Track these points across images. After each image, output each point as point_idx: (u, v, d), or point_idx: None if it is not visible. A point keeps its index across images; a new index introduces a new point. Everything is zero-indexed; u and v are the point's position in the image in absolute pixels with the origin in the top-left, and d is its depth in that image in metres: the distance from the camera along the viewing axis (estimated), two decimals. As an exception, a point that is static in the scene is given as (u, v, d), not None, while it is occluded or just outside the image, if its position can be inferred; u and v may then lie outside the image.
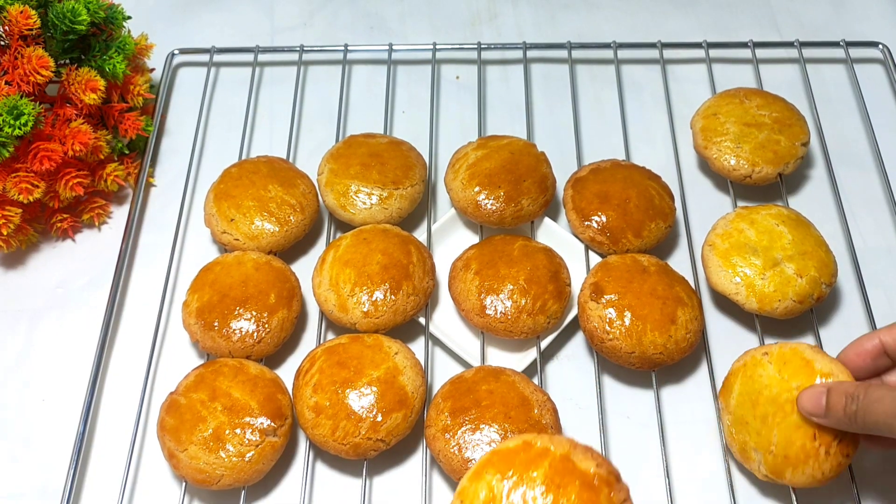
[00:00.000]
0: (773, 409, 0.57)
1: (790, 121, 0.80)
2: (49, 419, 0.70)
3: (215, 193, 0.76)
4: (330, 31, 0.98)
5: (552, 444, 0.43)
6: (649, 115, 0.90)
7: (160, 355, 0.73)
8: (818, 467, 0.56)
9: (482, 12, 1.00)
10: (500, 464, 0.43)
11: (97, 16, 0.76)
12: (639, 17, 1.00)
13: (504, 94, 0.92)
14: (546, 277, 0.69)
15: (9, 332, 0.75)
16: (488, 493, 0.42)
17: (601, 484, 0.42)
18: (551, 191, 0.78)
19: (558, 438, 0.44)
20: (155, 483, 0.67)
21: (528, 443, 0.44)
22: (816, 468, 0.56)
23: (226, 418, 0.63)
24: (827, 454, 0.55)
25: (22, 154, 0.73)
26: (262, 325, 0.68)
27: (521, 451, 0.43)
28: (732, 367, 0.63)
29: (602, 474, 0.42)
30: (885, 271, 0.78)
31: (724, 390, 0.63)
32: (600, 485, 0.42)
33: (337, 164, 0.78)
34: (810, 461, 0.56)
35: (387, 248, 0.71)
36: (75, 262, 0.79)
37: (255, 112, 0.90)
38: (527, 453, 0.43)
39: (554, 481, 0.41)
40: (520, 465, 0.42)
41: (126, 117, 0.81)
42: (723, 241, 0.72)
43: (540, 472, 0.42)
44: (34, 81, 0.72)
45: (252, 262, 0.71)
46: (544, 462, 0.42)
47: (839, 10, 1.00)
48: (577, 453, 0.43)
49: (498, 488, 0.42)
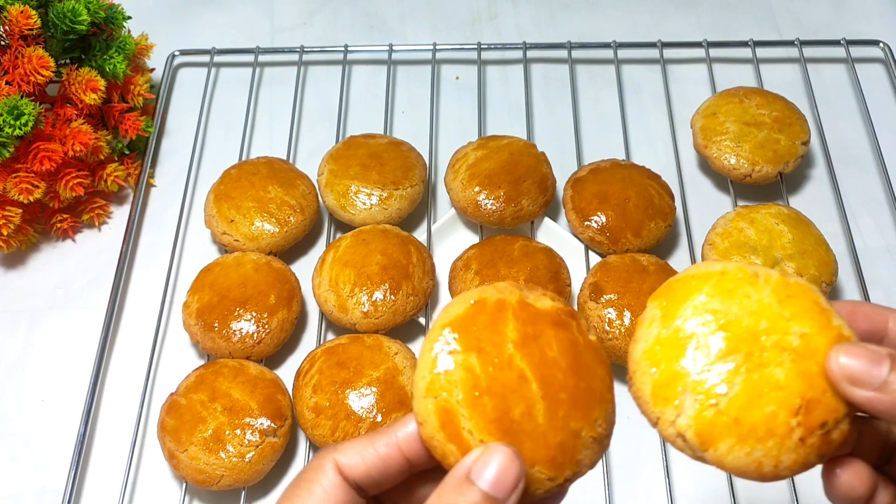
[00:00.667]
0: (750, 349, 0.35)
1: (790, 120, 0.80)
2: (49, 419, 0.70)
3: (215, 194, 0.77)
4: (330, 31, 0.98)
5: (500, 293, 0.36)
6: (649, 115, 0.90)
7: (160, 356, 0.73)
8: (776, 454, 0.35)
9: (482, 12, 1.00)
10: (461, 335, 0.34)
11: (97, 16, 0.76)
12: (639, 16, 0.99)
13: (504, 95, 0.92)
14: (546, 277, 0.69)
15: (9, 332, 0.75)
16: (463, 373, 0.34)
17: (567, 318, 0.36)
18: (551, 191, 0.78)
19: (502, 285, 0.37)
20: (155, 483, 0.67)
21: (480, 302, 0.35)
22: (772, 454, 0.35)
23: (226, 419, 0.63)
24: (801, 442, 0.34)
25: (22, 154, 0.73)
26: (261, 326, 0.68)
27: (477, 314, 0.35)
28: (698, 269, 0.38)
29: (562, 307, 0.37)
30: (885, 271, 0.78)
31: (668, 294, 0.38)
32: (567, 319, 0.36)
33: (337, 165, 0.78)
34: (771, 441, 0.34)
35: (386, 249, 0.71)
36: (75, 262, 0.80)
37: (255, 112, 0.90)
38: (483, 314, 0.35)
39: (528, 333, 0.35)
40: (484, 330, 0.35)
41: (126, 117, 0.81)
42: (723, 240, 0.72)
43: (510, 328, 0.35)
44: (34, 81, 0.72)
45: (252, 263, 0.71)
46: (506, 315, 0.35)
47: (839, 9, 1.00)
48: (527, 294, 0.36)
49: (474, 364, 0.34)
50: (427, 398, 0.34)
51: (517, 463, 0.32)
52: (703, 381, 0.35)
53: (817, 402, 0.35)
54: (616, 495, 0.65)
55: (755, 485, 0.65)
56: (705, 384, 0.35)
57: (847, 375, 0.34)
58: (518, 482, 0.32)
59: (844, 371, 0.34)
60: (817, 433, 0.34)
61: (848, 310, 0.38)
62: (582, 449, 0.35)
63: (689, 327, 0.36)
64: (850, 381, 0.34)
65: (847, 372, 0.34)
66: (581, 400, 0.35)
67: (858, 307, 0.38)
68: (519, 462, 0.32)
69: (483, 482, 0.32)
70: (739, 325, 0.36)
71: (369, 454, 0.35)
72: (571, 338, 0.36)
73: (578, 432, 0.34)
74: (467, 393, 0.33)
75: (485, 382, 0.34)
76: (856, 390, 0.34)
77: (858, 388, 0.34)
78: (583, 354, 0.36)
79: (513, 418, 0.33)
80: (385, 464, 0.35)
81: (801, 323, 0.36)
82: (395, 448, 0.35)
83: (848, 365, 0.34)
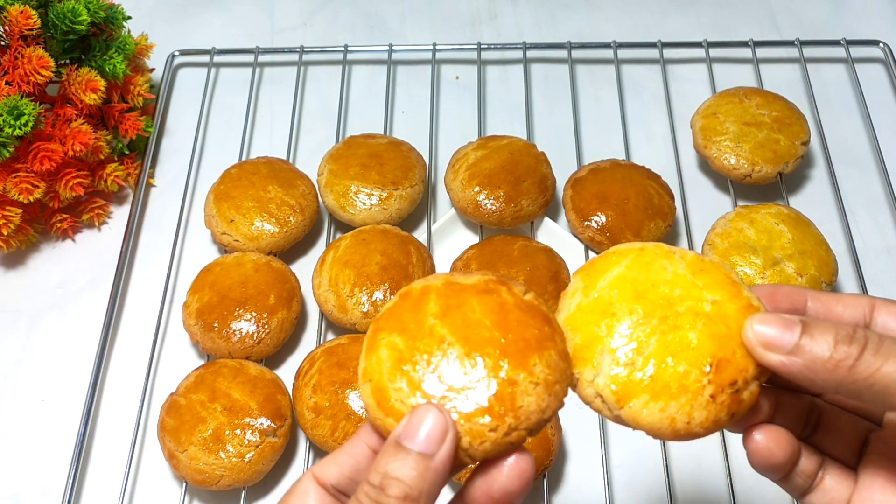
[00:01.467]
0: (665, 314, 0.37)
1: (790, 120, 0.80)
2: (49, 419, 0.70)
3: (215, 194, 0.77)
4: (330, 31, 0.98)
5: (428, 280, 0.38)
6: (649, 115, 0.90)
7: (160, 356, 0.73)
8: (688, 410, 0.36)
9: (482, 12, 1.00)
10: (389, 322, 0.37)
11: (97, 16, 0.76)
12: (639, 16, 0.99)
13: (504, 94, 0.92)
14: (546, 277, 0.69)
15: (9, 332, 0.75)
16: (390, 352, 0.36)
17: (495, 286, 0.37)
18: (551, 191, 0.78)
19: (433, 275, 0.39)
20: (155, 483, 0.67)
21: (405, 293, 0.38)
22: (685, 410, 0.36)
23: (226, 419, 0.63)
24: (712, 399, 0.36)
25: (22, 154, 0.73)
26: (261, 326, 0.68)
27: (403, 301, 0.37)
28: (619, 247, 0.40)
29: (491, 279, 0.38)
30: (885, 271, 0.78)
31: (590, 269, 0.40)
32: (495, 286, 0.37)
33: (337, 165, 0.78)
34: (683, 398, 0.36)
35: (386, 249, 0.71)
36: (75, 262, 0.80)
37: (255, 112, 0.90)
38: (409, 300, 0.37)
39: (450, 304, 0.36)
40: (408, 313, 0.37)
41: (126, 117, 0.81)
42: (722, 240, 0.72)
43: (431, 304, 0.37)
44: (34, 81, 0.72)
45: (252, 263, 0.71)
46: (430, 295, 0.37)
47: (839, 9, 1.00)
48: (456, 276, 0.38)
49: (399, 344, 0.36)
50: (364, 384, 0.36)
51: (440, 416, 0.34)
52: (621, 344, 0.37)
53: (727, 361, 0.36)
54: (616, 495, 0.65)
55: (755, 486, 0.65)
56: (622, 346, 0.37)
57: (762, 341, 0.36)
58: (444, 433, 0.33)
59: (759, 337, 0.36)
60: (727, 391, 0.36)
61: (768, 291, 0.40)
62: (522, 395, 0.35)
63: (607, 295, 0.38)
64: (765, 346, 0.36)
65: (761, 338, 0.36)
66: (511, 350, 0.35)
67: (779, 288, 0.40)
68: (442, 414, 0.34)
69: (411, 443, 0.33)
70: (655, 293, 0.38)
71: (342, 458, 0.37)
72: (498, 300, 0.37)
73: (514, 380, 0.35)
74: (393, 367, 0.35)
75: (408, 354, 0.35)
76: (770, 355, 0.36)
77: (772, 353, 0.36)
78: (511, 311, 0.36)
79: None
80: (354, 459, 0.37)
81: (713, 292, 0.38)
82: (359, 442, 0.37)
83: (762, 331, 0.36)
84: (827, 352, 0.35)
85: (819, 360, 0.35)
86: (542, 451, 0.62)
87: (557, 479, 0.67)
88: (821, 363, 0.35)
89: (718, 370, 0.36)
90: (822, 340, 0.35)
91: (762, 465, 0.38)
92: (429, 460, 0.33)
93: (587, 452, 0.67)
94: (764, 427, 0.38)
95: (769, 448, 0.38)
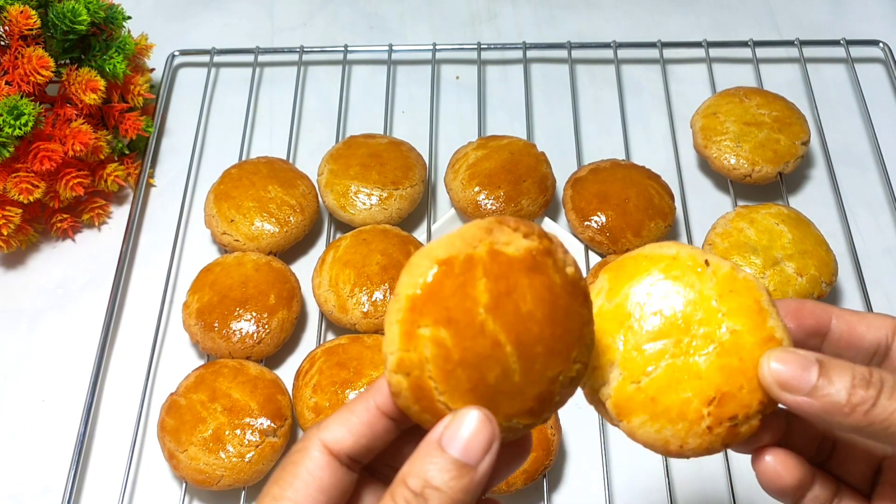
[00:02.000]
0: (680, 336, 0.37)
1: (790, 120, 0.80)
2: (49, 419, 0.70)
3: (215, 194, 0.77)
4: (330, 31, 0.98)
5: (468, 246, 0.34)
6: (649, 115, 0.90)
7: (160, 356, 0.73)
8: (683, 436, 0.36)
9: (482, 12, 1.00)
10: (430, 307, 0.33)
11: (97, 16, 0.76)
12: (639, 16, 0.99)
13: (504, 94, 0.92)
14: (546, 277, 0.69)
15: (9, 332, 0.75)
16: (433, 349, 0.32)
17: (543, 258, 0.34)
18: (551, 191, 0.78)
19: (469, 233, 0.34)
20: (155, 483, 0.67)
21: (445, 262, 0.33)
22: (680, 435, 0.36)
23: (226, 419, 0.63)
24: (708, 430, 0.36)
25: (22, 154, 0.73)
26: (262, 326, 0.68)
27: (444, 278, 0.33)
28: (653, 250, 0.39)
29: (536, 247, 0.34)
30: (885, 271, 0.78)
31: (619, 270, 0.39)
32: (542, 259, 0.34)
33: (337, 165, 0.78)
34: (681, 424, 0.36)
35: (386, 249, 0.71)
36: (75, 262, 0.80)
37: (255, 112, 0.90)
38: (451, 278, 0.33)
39: (500, 290, 0.33)
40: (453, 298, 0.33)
41: (126, 117, 0.81)
42: (722, 240, 0.72)
43: (480, 288, 0.33)
44: (34, 81, 0.72)
45: (252, 263, 0.71)
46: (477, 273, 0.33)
47: (839, 9, 1.00)
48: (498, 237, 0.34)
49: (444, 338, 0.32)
50: (398, 374, 0.33)
51: (488, 426, 0.32)
52: (631, 359, 0.37)
53: (731, 396, 0.36)
54: (616, 495, 0.65)
55: (755, 487, 0.65)
56: (632, 361, 0.37)
57: (778, 381, 0.35)
58: (490, 445, 0.32)
59: (776, 376, 0.35)
60: (725, 424, 0.36)
61: (794, 307, 0.39)
62: (559, 390, 0.35)
63: (629, 305, 0.37)
64: (781, 386, 0.35)
65: (778, 377, 0.35)
66: (557, 346, 0.34)
67: (804, 304, 0.39)
68: (490, 425, 0.32)
69: (453, 449, 0.32)
70: (675, 311, 0.37)
71: (353, 423, 0.35)
72: (547, 282, 0.34)
73: (556, 378, 0.34)
74: (439, 368, 0.33)
75: (457, 355, 0.33)
76: (786, 395, 0.35)
77: (789, 394, 0.35)
78: (559, 297, 0.35)
79: (488, 383, 0.33)
80: (370, 428, 0.35)
81: (736, 320, 0.37)
82: (375, 411, 0.35)
83: (779, 371, 0.35)
84: (844, 396, 0.34)
85: (836, 404, 0.34)
86: (542, 451, 0.62)
87: (557, 479, 0.67)
88: (838, 407, 0.34)
89: (721, 404, 0.36)
90: (839, 383, 0.34)
91: (771, 486, 0.38)
92: (473, 472, 0.32)
93: (587, 452, 0.67)
94: (772, 450, 0.38)
95: (776, 471, 0.37)
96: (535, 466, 0.62)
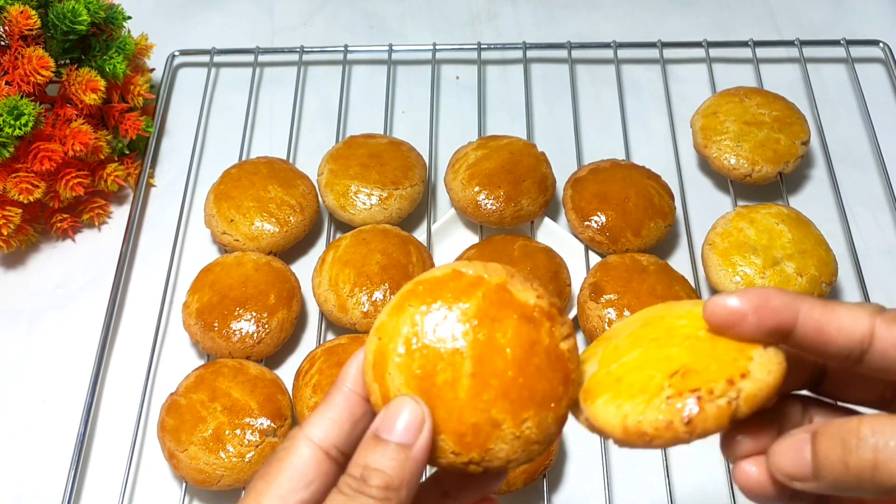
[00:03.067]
0: (659, 335, 0.37)
1: (790, 119, 0.80)
2: (49, 419, 0.70)
3: (215, 194, 0.77)
4: (330, 31, 0.98)
5: (486, 272, 0.36)
6: (649, 115, 0.90)
7: (160, 356, 0.73)
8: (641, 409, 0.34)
9: (482, 12, 1.00)
10: (426, 294, 0.35)
11: (97, 16, 0.76)
12: (639, 16, 0.99)
13: (504, 94, 0.92)
14: (546, 277, 0.69)
15: (9, 332, 0.75)
16: (411, 327, 0.35)
17: (542, 317, 0.35)
18: (551, 191, 0.78)
19: (493, 266, 0.36)
20: (155, 483, 0.67)
21: (458, 271, 0.36)
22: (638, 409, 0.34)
23: (226, 419, 0.63)
24: (667, 400, 0.34)
25: (22, 154, 0.73)
26: (261, 326, 0.68)
27: (450, 280, 0.36)
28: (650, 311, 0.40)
29: (543, 306, 0.36)
30: (885, 271, 0.78)
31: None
32: (541, 318, 0.35)
33: (337, 165, 0.78)
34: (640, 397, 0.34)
35: (386, 249, 0.71)
36: (75, 262, 0.80)
37: (255, 112, 0.90)
38: (457, 282, 0.36)
39: (488, 314, 0.35)
40: (448, 296, 0.35)
41: (126, 117, 0.81)
42: (722, 240, 0.72)
43: (472, 304, 0.35)
44: (34, 81, 0.72)
45: (252, 263, 0.71)
46: (477, 292, 0.35)
47: (839, 9, 1.00)
48: (514, 283, 0.36)
49: (422, 322, 0.35)
50: (374, 336, 0.35)
51: (416, 407, 0.34)
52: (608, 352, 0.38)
53: (695, 371, 0.34)
54: (616, 495, 0.65)
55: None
56: (608, 355, 0.38)
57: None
58: (421, 423, 0.34)
59: (780, 470, 0.35)
60: (686, 397, 0.33)
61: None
62: (498, 441, 0.34)
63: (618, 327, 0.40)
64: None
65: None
66: (513, 394, 0.34)
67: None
68: (422, 409, 0.34)
69: (390, 435, 0.33)
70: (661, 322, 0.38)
71: (335, 412, 0.36)
72: (534, 336, 0.35)
73: (499, 423, 0.34)
74: (406, 343, 0.35)
75: (424, 339, 0.35)
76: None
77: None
78: (538, 355, 0.35)
79: (434, 382, 0.34)
80: (350, 413, 0.36)
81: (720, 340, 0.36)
82: (350, 394, 0.36)
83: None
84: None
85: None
86: (542, 451, 0.62)
87: (557, 479, 0.67)
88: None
89: (683, 376, 0.34)
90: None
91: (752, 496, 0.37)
92: (408, 450, 0.33)
93: (587, 452, 0.67)
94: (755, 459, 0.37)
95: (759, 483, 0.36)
96: (535, 466, 0.62)
